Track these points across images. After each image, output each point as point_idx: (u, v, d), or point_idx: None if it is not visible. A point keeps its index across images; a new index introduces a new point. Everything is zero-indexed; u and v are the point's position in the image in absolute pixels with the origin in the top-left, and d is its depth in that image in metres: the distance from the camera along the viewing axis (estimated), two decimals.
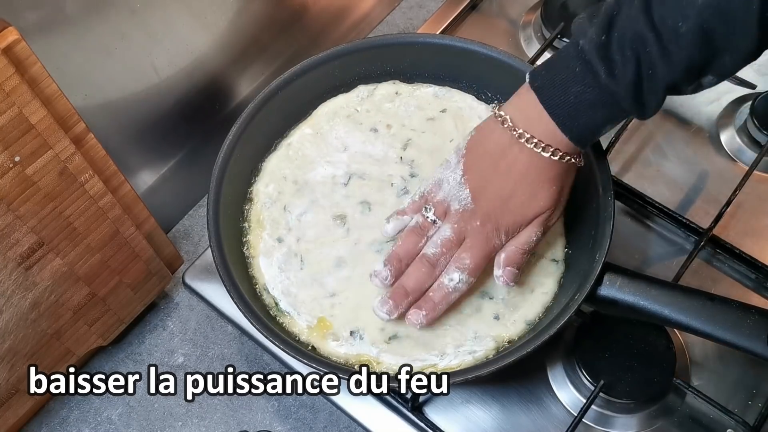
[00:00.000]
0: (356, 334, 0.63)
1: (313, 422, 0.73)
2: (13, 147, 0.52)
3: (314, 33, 0.94)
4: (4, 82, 0.49)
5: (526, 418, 0.68)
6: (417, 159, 0.71)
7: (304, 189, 0.71)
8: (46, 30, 0.62)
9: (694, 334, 0.60)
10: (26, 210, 0.56)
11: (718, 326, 0.58)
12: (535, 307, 0.64)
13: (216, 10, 0.78)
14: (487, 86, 0.74)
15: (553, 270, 0.66)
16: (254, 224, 0.69)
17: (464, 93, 0.75)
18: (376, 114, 0.74)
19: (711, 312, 0.59)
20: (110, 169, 0.62)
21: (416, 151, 0.72)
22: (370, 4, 0.98)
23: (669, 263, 0.75)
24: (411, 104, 0.74)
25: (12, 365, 0.64)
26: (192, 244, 0.84)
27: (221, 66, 0.83)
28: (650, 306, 0.60)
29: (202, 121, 0.85)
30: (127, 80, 0.73)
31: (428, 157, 0.71)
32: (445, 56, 0.73)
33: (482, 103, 0.74)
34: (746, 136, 0.81)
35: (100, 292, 0.67)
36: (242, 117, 0.69)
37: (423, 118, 0.74)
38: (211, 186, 0.66)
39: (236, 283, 0.62)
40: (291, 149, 0.73)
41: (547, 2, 0.91)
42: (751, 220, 0.78)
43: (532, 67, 0.60)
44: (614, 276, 0.61)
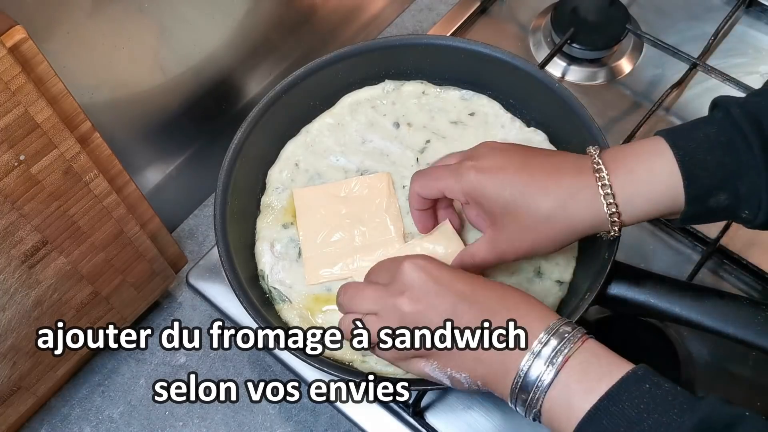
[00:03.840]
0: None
1: (314, 425, 0.72)
2: (18, 146, 0.52)
3: (323, 34, 0.93)
4: (10, 81, 0.49)
5: (527, 424, 0.68)
6: (433, 162, 0.71)
7: (315, 179, 0.71)
8: (53, 29, 0.62)
9: (704, 332, 0.59)
10: (30, 208, 0.56)
11: (728, 323, 0.58)
12: None
13: (225, 11, 0.78)
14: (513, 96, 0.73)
15: (555, 291, 0.65)
16: (263, 209, 0.70)
17: (492, 100, 0.74)
18: (400, 108, 0.74)
19: (721, 309, 0.58)
20: (115, 168, 0.62)
21: (433, 154, 0.71)
22: (380, 6, 0.98)
23: (676, 273, 0.74)
24: (436, 105, 0.74)
25: (14, 363, 0.64)
26: (196, 244, 0.84)
27: (229, 66, 0.83)
28: (660, 304, 0.59)
29: (209, 121, 0.85)
30: (134, 79, 0.73)
31: None
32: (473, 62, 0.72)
33: (508, 112, 0.73)
34: None
35: (103, 291, 0.67)
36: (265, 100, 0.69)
37: (446, 120, 0.73)
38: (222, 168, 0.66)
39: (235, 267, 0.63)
40: (309, 137, 0.73)
41: (557, 7, 0.90)
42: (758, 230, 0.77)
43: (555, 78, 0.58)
44: (624, 275, 0.60)
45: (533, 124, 0.72)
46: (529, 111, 0.72)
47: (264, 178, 0.71)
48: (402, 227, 0.68)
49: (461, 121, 0.73)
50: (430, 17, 1.00)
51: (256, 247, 0.68)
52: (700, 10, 0.93)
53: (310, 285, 0.66)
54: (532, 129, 0.72)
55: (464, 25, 0.93)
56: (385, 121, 0.73)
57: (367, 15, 0.98)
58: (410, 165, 0.71)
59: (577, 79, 0.89)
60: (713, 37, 0.88)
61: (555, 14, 0.90)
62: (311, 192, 0.70)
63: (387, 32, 0.99)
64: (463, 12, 0.94)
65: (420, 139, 0.72)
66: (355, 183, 0.70)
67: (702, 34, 0.89)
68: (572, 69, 0.89)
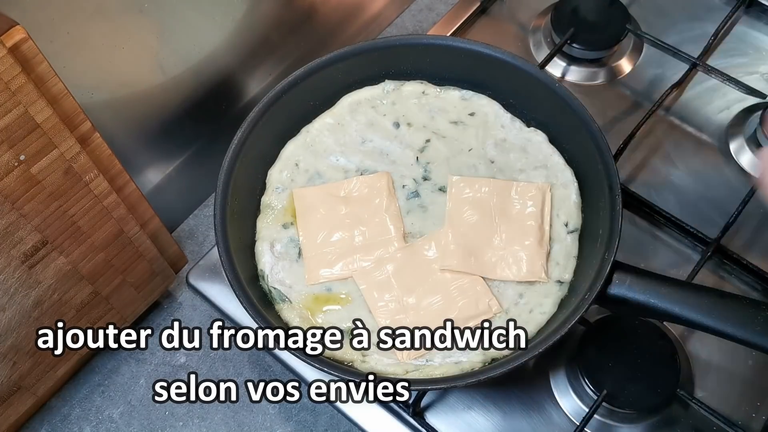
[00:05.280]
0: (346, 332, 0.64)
1: (314, 425, 0.72)
2: (18, 146, 0.52)
3: (323, 34, 0.94)
4: (10, 81, 0.49)
5: (528, 425, 0.68)
6: (433, 162, 0.71)
7: (315, 179, 0.71)
8: (53, 29, 0.62)
9: (704, 332, 0.59)
10: (30, 208, 0.56)
11: (728, 323, 0.58)
12: (529, 327, 0.63)
13: (225, 11, 0.78)
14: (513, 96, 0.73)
15: (555, 291, 0.65)
16: (263, 209, 0.69)
17: (492, 100, 0.74)
18: (400, 108, 0.74)
19: (722, 309, 0.58)
20: (115, 168, 0.62)
21: (434, 153, 0.71)
22: (380, 6, 0.98)
23: (676, 273, 0.74)
24: (436, 105, 0.74)
25: (14, 363, 0.64)
26: (197, 244, 0.84)
27: (229, 66, 0.83)
28: (661, 304, 0.59)
29: (209, 121, 0.85)
30: (134, 79, 0.73)
31: (444, 161, 0.71)
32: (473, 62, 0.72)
33: (508, 112, 0.73)
34: (755, 146, 0.81)
35: (103, 291, 0.67)
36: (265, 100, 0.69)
37: (446, 120, 0.73)
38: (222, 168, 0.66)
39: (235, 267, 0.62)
40: (309, 137, 0.73)
41: (557, 7, 0.90)
42: (759, 230, 0.77)
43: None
44: (624, 274, 0.60)
45: (533, 124, 0.72)
46: (529, 111, 0.72)
47: (264, 178, 0.71)
48: (402, 227, 0.68)
49: (461, 121, 0.73)
50: (430, 17, 1.00)
51: (256, 247, 0.68)
52: (700, 10, 0.93)
53: (310, 285, 0.66)
54: (532, 129, 0.72)
55: (464, 25, 0.93)
56: (385, 121, 0.73)
57: (367, 15, 0.98)
58: (410, 165, 0.71)
59: (577, 79, 0.89)
60: (713, 37, 0.88)
61: (555, 14, 0.90)
62: (311, 192, 0.70)
63: (387, 32, 0.99)
64: (463, 12, 0.94)
65: (420, 139, 0.72)
66: (355, 183, 0.70)
67: (702, 34, 0.89)
68: (572, 69, 0.89)
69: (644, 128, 0.80)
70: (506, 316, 0.64)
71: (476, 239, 0.67)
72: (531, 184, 0.68)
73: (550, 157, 0.70)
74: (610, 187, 0.64)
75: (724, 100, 0.85)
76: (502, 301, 0.64)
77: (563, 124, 0.69)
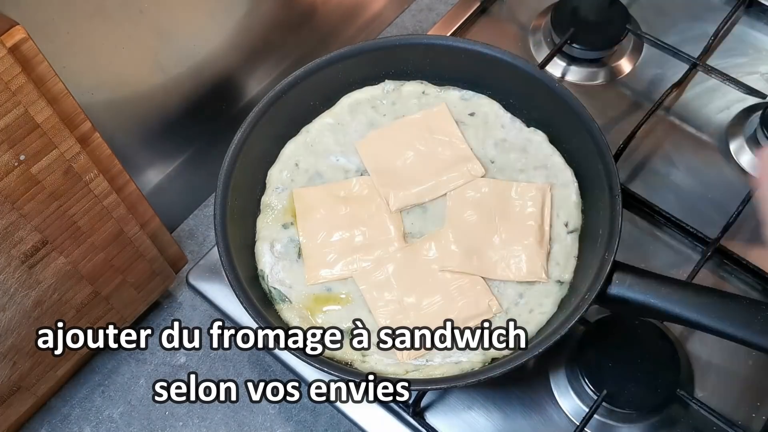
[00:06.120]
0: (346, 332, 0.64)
1: (314, 425, 0.72)
2: (18, 146, 0.52)
3: (323, 35, 0.94)
4: (10, 81, 0.49)
5: (528, 425, 0.68)
6: None
7: (315, 179, 0.71)
8: (53, 29, 0.62)
9: (704, 332, 0.59)
10: (30, 208, 0.56)
11: (728, 323, 0.58)
12: (529, 327, 0.63)
13: (225, 11, 0.78)
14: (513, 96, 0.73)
15: (555, 291, 0.65)
16: (263, 209, 0.70)
17: (492, 100, 0.73)
18: (400, 108, 0.74)
19: (722, 309, 0.58)
20: (115, 168, 0.62)
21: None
22: (380, 6, 0.98)
23: (676, 273, 0.74)
24: (435, 105, 0.74)
25: (14, 363, 0.64)
26: (197, 244, 0.84)
27: (229, 66, 0.83)
28: (661, 304, 0.59)
29: (209, 121, 0.85)
30: (134, 79, 0.73)
31: None
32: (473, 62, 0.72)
33: (508, 112, 0.73)
34: (756, 146, 0.81)
35: (103, 291, 0.67)
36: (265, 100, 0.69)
37: None
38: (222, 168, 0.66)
39: (235, 267, 0.62)
40: (309, 137, 0.73)
41: (557, 7, 0.90)
42: (759, 230, 0.77)
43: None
44: (624, 274, 0.60)
45: (533, 124, 0.72)
46: (529, 111, 0.72)
47: (264, 178, 0.71)
48: (402, 227, 0.68)
49: (461, 121, 0.73)
50: (430, 17, 1.00)
51: (256, 247, 0.68)
52: (700, 10, 0.93)
53: (310, 285, 0.66)
54: (532, 129, 0.72)
55: (464, 25, 0.93)
56: (385, 121, 0.73)
57: (367, 15, 0.98)
58: None
59: (577, 79, 0.89)
60: (713, 37, 0.88)
61: (555, 14, 0.90)
62: (311, 192, 0.70)
63: (387, 32, 0.99)
64: (463, 12, 0.94)
65: None
66: (355, 183, 0.70)
67: (702, 34, 0.89)
68: (572, 69, 0.89)
69: (644, 128, 0.80)
70: (506, 316, 0.64)
71: (476, 239, 0.67)
72: (531, 184, 0.68)
73: (550, 157, 0.70)
74: (610, 187, 0.64)
75: (724, 100, 0.85)
76: (502, 301, 0.64)
77: (563, 124, 0.69)
